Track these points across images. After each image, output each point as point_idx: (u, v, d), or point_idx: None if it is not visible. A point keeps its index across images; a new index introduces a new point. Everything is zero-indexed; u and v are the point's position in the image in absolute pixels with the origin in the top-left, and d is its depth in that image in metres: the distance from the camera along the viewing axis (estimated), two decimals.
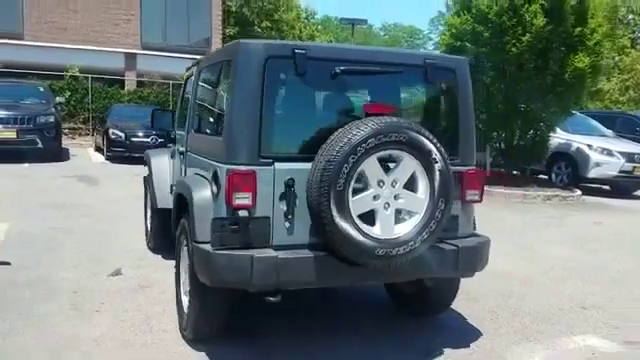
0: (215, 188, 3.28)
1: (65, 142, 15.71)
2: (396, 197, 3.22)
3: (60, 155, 13.27)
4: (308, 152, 3.19)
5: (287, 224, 3.22)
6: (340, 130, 3.10)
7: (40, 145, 12.25)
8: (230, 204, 3.12)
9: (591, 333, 4.18)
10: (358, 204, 3.13)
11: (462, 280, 5.11)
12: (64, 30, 21.43)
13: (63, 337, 3.68)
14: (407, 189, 3.25)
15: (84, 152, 16.09)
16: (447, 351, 3.75)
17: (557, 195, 10.42)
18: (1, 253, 5.51)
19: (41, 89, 14.06)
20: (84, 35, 21.56)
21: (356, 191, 3.13)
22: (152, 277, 4.98)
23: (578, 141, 11.84)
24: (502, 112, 10.77)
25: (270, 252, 3.13)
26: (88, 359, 3.40)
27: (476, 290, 5.01)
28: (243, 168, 3.13)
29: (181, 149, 4.51)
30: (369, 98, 3.57)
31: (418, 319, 4.25)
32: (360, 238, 3.09)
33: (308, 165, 3.13)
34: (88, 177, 11.03)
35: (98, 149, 15.69)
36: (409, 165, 3.21)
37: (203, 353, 3.53)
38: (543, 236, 7.48)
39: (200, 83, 4.24)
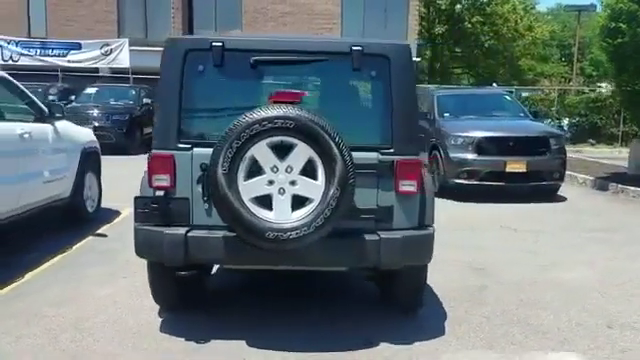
0: None
1: None
2: (293, 183, 3.29)
3: None
4: None
5: (206, 205, 3.51)
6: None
7: None
8: (150, 185, 3.54)
9: (580, 352, 3.63)
10: (250, 188, 3.28)
11: (488, 284, 4.81)
12: None
13: (77, 293, 4.48)
14: (307, 176, 3.29)
15: None
16: (383, 344, 3.65)
17: None
18: (114, 227, 6.71)
19: None
20: None
21: (252, 175, 3.29)
22: None
23: None
24: None
25: (179, 230, 3.46)
26: (72, 310, 4.12)
27: (497, 295, 4.64)
28: (161, 152, 3.52)
29: None
30: (288, 86, 3.63)
31: (390, 314, 4.12)
32: (249, 220, 3.25)
33: None
34: None
35: None
36: (304, 152, 3.25)
37: (161, 319, 4.00)
38: None
39: None
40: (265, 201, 3.31)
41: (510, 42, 35.83)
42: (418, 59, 26.61)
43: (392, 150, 3.51)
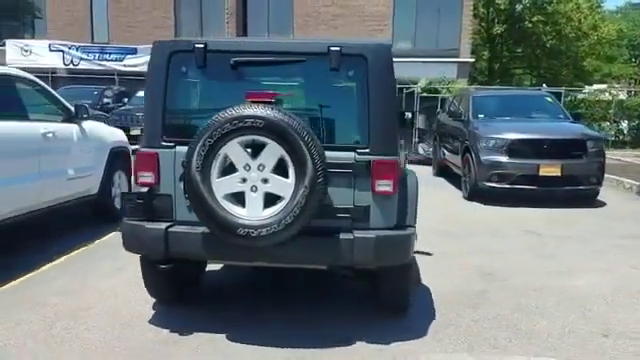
0: None
1: None
2: (265, 181, 3.36)
3: None
4: None
5: (187, 202, 3.62)
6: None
7: None
8: (136, 181, 3.70)
9: (563, 359, 3.49)
10: (224, 185, 3.37)
11: (490, 289, 4.70)
12: None
13: (83, 285, 4.70)
14: (279, 174, 3.35)
15: None
16: (359, 343, 3.65)
17: None
18: None
19: None
20: None
21: (225, 173, 3.39)
22: None
23: None
24: None
25: (161, 225, 3.59)
26: (74, 300, 4.34)
27: (495, 299, 4.55)
28: (146, 150, 3.67)
29: None
30: (268, 87, 3.69)
31: (383, 314, 4.10)
32: (222, 216, 3.34)
33: None
34: None
35: None
36: (275, 151, 3.31)
37: (153, 311, 4.16)
38: None
39: None
40: (238, 198, 3.40)
41: (574, 42, 34.57)
42: (473, 59, 26.12)
43: (368, 150, 3.52)
